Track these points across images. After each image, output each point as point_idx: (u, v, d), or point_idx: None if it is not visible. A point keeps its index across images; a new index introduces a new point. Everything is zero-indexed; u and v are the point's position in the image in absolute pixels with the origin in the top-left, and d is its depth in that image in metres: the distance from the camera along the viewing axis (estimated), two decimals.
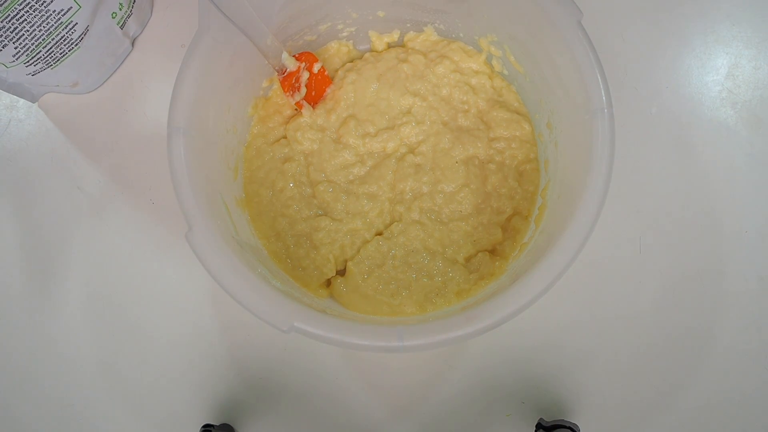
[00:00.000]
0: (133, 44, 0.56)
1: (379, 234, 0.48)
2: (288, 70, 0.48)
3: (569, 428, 0.44)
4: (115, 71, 0.56)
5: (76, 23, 0.48)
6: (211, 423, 0.47)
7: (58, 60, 0.50)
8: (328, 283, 0.47)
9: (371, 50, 0.53)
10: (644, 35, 0.56)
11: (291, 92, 0.49)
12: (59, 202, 0.53)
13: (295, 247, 0.47)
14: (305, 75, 0.49)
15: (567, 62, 0.40)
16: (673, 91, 0.54)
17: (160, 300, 0.51)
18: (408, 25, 0.51)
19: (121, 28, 0.53)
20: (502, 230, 0.47)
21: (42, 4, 0.45)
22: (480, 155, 0.49)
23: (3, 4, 0.43)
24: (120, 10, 0.51)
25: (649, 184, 0.52)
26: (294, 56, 0.48)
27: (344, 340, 0.35)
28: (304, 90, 0.49)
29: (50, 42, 0.48)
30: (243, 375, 0.50)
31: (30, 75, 0.50)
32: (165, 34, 0.56)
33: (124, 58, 0.56)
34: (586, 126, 0.38)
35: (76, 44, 0.50)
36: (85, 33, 0.49)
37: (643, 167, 0.52)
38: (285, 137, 0.50)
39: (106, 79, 0.55)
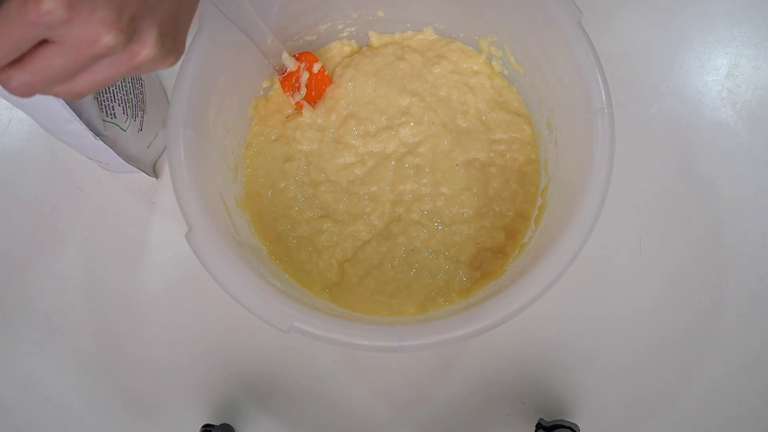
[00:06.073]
0: None
1: (379, 234, 0.48)
2: (288, 70, 0.48)
3: (569, 428, 0.44)
4: None
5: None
6: (211, 423, 0.47)
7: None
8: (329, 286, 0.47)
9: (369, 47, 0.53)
10: (644, 35, 0.56)
11: (291, 92, 0.49)
12: (59, 202, 0.53)
13: (297, 250, 0.47)
14: (305, 75, 0.49)
15: (567, 62, 0.40)
16: (673, 91, 0.54)
17: (160, 300, 0.51)
18: (408, 24, 0.51)
19: None
20: (504, 231, 0.47)
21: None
22: (481, 158, 0.48)
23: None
24: None
25: (649, 184, 0.52)
26: (294, 56, 0.48)
27: (344, 340, 0.35)
28: (304, 90, 0.49)
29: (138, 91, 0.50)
30: (243, 375, 0.50)
31: (146, 148, 0.51)
32: None
33: None
34: (586, 126, 0.38)
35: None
36: None
37: (643, 167, 0.52)
38: (285, 137, 0.50)
39: None
